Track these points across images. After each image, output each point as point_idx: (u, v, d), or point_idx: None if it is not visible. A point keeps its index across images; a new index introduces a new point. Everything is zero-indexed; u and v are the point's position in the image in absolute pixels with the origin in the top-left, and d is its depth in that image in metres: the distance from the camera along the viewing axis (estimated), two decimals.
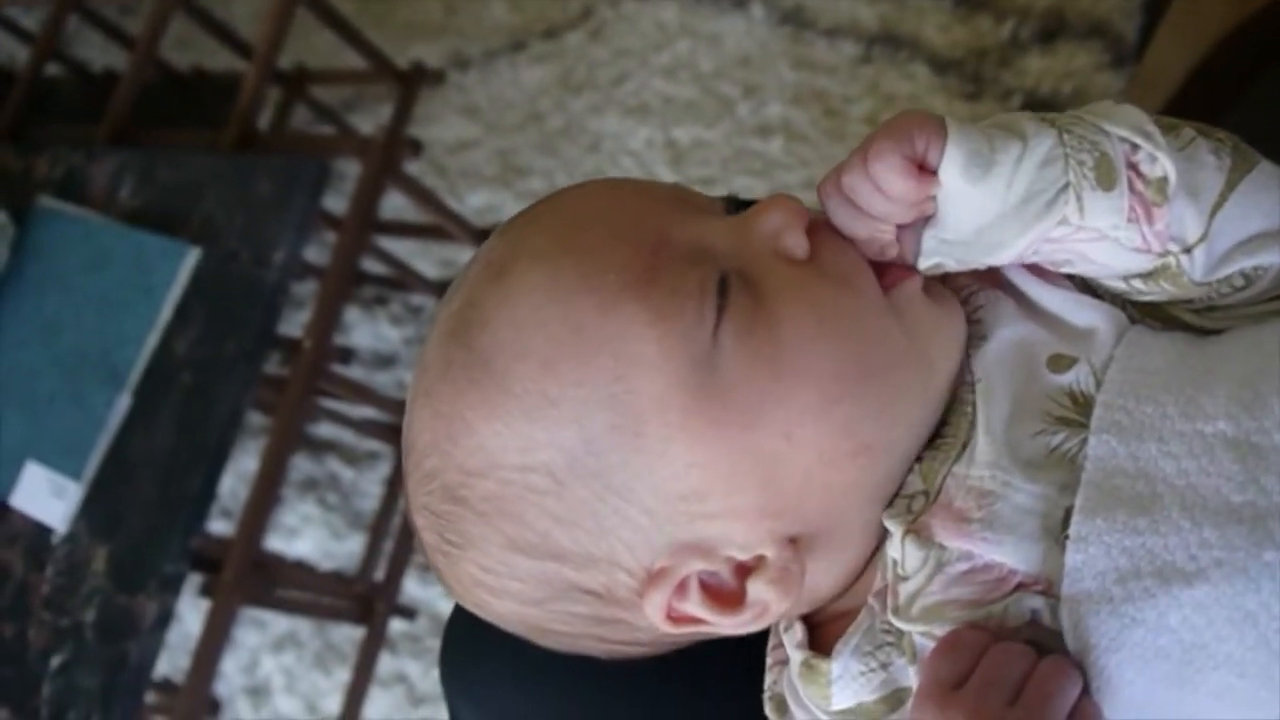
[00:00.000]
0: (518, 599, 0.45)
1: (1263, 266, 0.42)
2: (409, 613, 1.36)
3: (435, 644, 1.41)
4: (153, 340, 1.10)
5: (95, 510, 1.07)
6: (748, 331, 0.41)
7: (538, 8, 1.64)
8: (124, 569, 1.04)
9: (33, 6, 1.60)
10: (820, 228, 0.44)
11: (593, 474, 0.42)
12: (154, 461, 1.07)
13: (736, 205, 0.47)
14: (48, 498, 1.10)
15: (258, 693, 1.48)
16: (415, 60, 1.53)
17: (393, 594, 1.35)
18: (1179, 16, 0.81)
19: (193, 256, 1.11)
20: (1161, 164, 0.41)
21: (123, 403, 1.09)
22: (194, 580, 1.41)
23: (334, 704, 1.39)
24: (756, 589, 0.43)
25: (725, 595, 0.43)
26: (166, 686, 1.31)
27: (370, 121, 1.64)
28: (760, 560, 0.43)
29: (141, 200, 1.20)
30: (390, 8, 1.74)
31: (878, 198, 0.42)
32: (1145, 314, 0.45)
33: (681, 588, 0.43)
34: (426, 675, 1.38)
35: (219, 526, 1.54)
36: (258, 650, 1.50)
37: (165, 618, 1.02)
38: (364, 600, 1.31)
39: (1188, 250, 0.42)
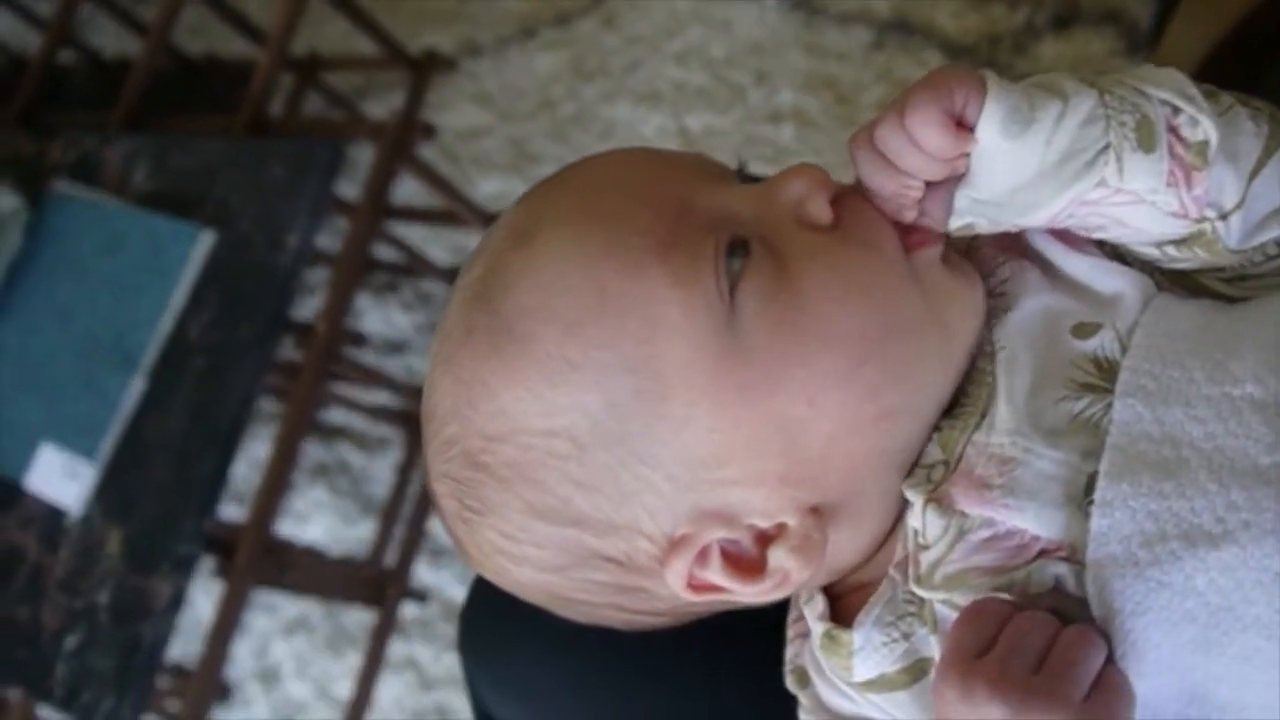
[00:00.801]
0: (538, 566, 0.45)
1: None
2: (421, 596, 1.37)
3: (446, 629, 1.42)
4: (166, 323, 1.11)
5: (109, 492, 1.08)
6: (770, 296, 0.41)
7: None
8: (137, 550, 1.05)
9: None
10: (843, 196, 0.44)
11: (615, 439, 0.42)
12: (167, 444, 1.07)
13: (746, 178, 0.47)
14: (62, 479, 1.11)
15: (268, 677, 1.49)
16: (427, 47, 1.53)
17: (404, 578, 1.35)
18: (1193, 3, 0.80)
19: (206, 240, 1.12)
20: (1203, 128, 0.40)
21: (137, 385, 1.09)
22: (206, 565, 1.42)
23: (345, 688, 1.40)
24: (777, 557, 0.43)
25: (746, 563, 0.43)
26: (178, 671, 1.31)
27: (383, 108, 1.64)
28: (781, 528, 0.43)
29: (155, 184, 1.20)
30: None
31: (912, 152, 0.41)
32: (1173, 282, 0.45)
33: (703, 555, 0.43)
34: (438, 660, 1.38)
35: (231, 512, 1.55)
36: (268, 635, 1.51)
37: (178, 599, 1.03)
38: (375, 584, 1.31)
39: (1224, 216, 0.41)
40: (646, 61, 1.53)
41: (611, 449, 0.42)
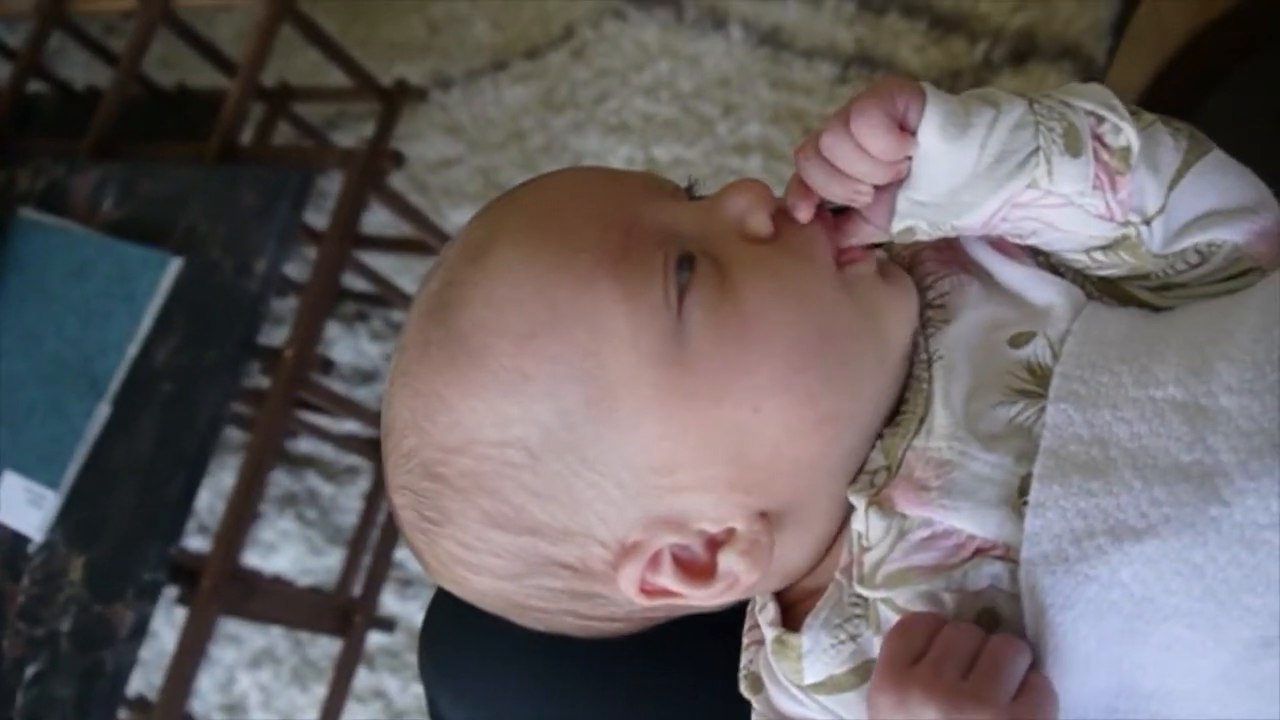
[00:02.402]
0: (495, 574, 0.46)
1: (1215, 243, 0.44)
2: (388, 625, 1.36)
3: (414, 659, 1.41)
4: (133, 350, 1.10)
5: (73, 519, 1.07)
6: (714, 306, 0.43)
7: (520, 28, 1.66)
8: (101, 578, 1.04)
9: (15, 23, 1.61)
10: (782, 211, 0.46)
11: (567, 448, 0.43)
12: (133, 470, 1.07)
13: (695, 198, 0.48)
14: (25, 507, 1.10)
15: (234, 710, 1.47)
16: (398, 78, 1.55)
17: (371, 607, 1.34)
18: (1137, 34, 0.83)
19: (174, 266, 1.12)
20: (1125, 134, 0.43)
21: (102, 412, 1.09)
22: (171, 597, 1.41)
23: None
24: (727, 561, 0.44)
25: (697, 568, 0.45)
26: (141, 704, 1.29)
27: (353, 139, 1.65)
28: (730, 533, 0.44)
29: (124, 212, 1.20)
30: (373, 28, 1.76)
31: (859, 156, 0.43)
32: (1103, 291, 0.47)
33: (654, 561, 0.44)
34: (405, 690, 1.37)
35: (198, 544, 1.53)
36: (234, 667, 1.49)
37: (142, 626, 1.02)
38: (342, 612, 1.30)
39: (1147, 221, 0.43)
40: (616, 93, 1.55)
41: (564, 458, 0.43)
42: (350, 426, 1.50)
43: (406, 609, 1.40)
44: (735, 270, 0.44)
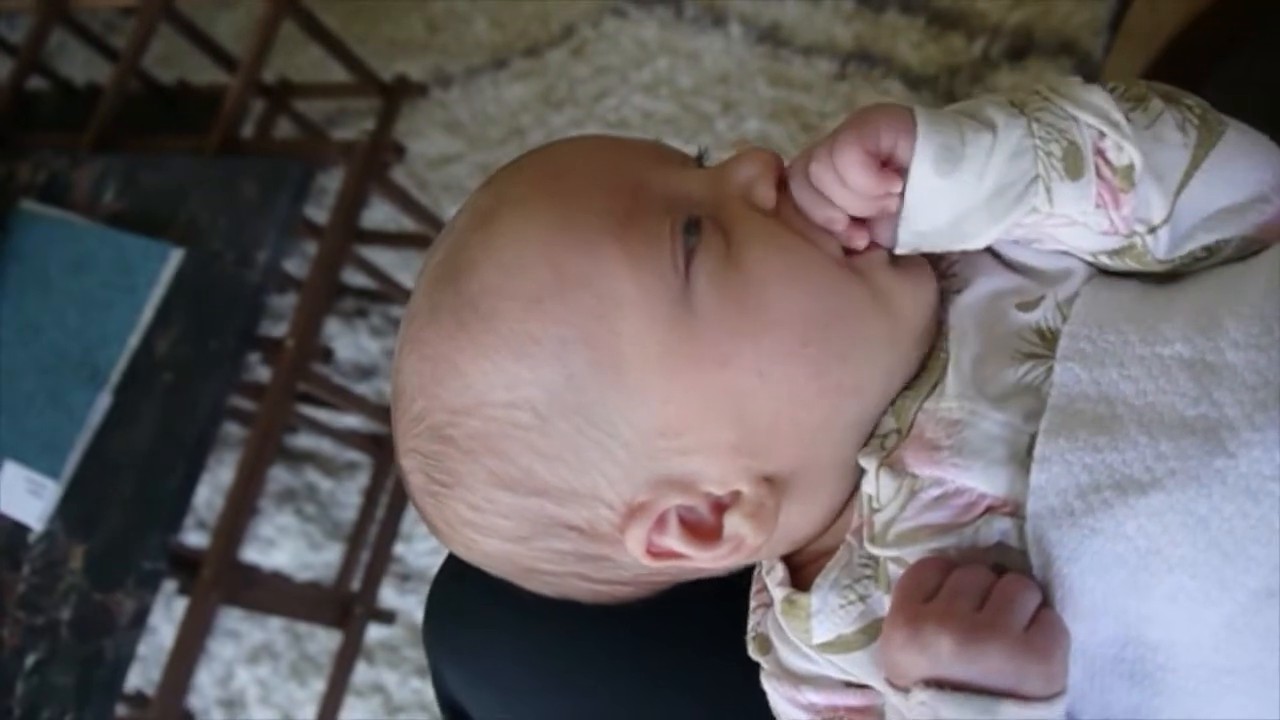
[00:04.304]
0: (503, 536, 0.46)
1: (1224, 239, 0.43)
2: (387, 617, 1.36)
3: (413, 653, 1.41)
4: (134, 340, 1.11)
5: (73, 509, 1.07)
6: (720, 271, 0.43)
7: (520, 26, 1.67)
8: (101, 566, 1.04)
9: (16, 19, 1.61)
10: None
11: (574, 409, 0.43)
12: (133, 460, 1.07)
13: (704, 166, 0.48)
14: (25, 497, 1.10)
15: (233, 705, 1.47)
16: (399, 75, 1.55)
17: (370, 600, 1.34)
18: (1132, 28, 0.84)
19: (175, 257, 1.12)
20: (1128, 152, 0.42)
21: (103, 402, 1.09)
22: (169, 591, 1.41)
23: (310, 715, 1.38)
24: (733, 523, 0.44)
25: (703, 530, 0.45)
26: (139, 700, 1.29)
27: (353, 135, 1.66)
28: (736, 496, 0.44)
29: (125, 204, 1.21)
30: (373, 26, 1.76)
31: (838, 188, 0.43)
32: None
33: (661, 522, 0.44)
34: (404, 685, 1.37)
35: (197, 540, 1.53)
36: (232, 662, 1.49)
37: (143, 615, 1.02)
38: (341, 605, 1.30)
39: (1153, 230, 0.43)
40: (615, 91, 1.56)
41: (571, 419, 0.43)
42: (350, 421, 1.51)
43: (405, 603, 1.40)
44: (740, 239, 0.44)
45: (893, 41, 1.43)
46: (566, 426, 0.43)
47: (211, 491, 1.57)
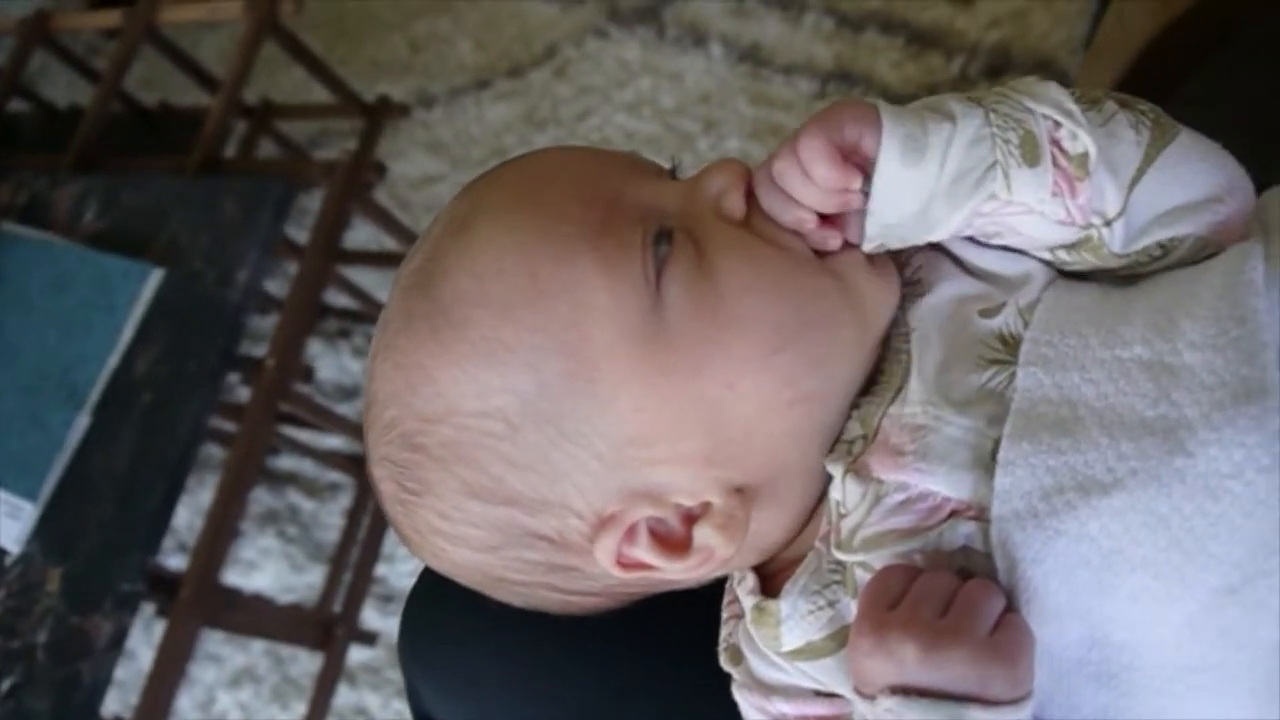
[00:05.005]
0: (473, 546, 0.46)
1: (1178, 237, 0.44)
2: (369, 638, 1.35)
3: (395, 675, 1.40)
4: (113, 360, 1.10)
5: (50, 531, 1.06)
6: (691, 282, 0.43)
7: (502, 47, 1.68)
8: (78, 589, 1.03)
9: None
10: None
11: (546, 419, 0.43)
12: (112, 480, 1.06)
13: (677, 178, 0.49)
14: (2, 519, 1.09)
15: None
16: (381, 96, 1.56)
17: (352, 621, 1.33)
18: (1102, 44, 0.85)
19: (156, 277, 1.12)
20: (1082, 140, 0.42)
21: (81, 422, 1.08)
22: (148, 614, 1.40)
23: None
24: (703, 534, 0.44)
25: (673, 541, 0.45)
26: None
27: (335, 155, 1.66)
28: (706, 507, 0.44)
29: (105, 224, 1.20)
30: (356, 47, 1.77)
31: (804, 184, 0.43)
32: (1070, 278, 0.47)
33: (631, 533, 0.44)
34: (386, 706, 1.36)
35: (177, 562, 1.52)
36: (214, 686, 1.47)
37: (120, 638, 1.01)
38: (323, 626, 1.29)
39: (1108, 223, 0.43)
40: (598, 110, 1.57)
41: (543, 428, 0.43)
42: (332, 442, 1.50)
43: (388, 624, 1.39)
44: (712, 249, 0.44)
45: (872, 61, 1.44)
46: (538, 436, 0.43)
47: (192, 514, 1.56)
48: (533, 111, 1.61)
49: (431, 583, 0.57)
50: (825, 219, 0.45)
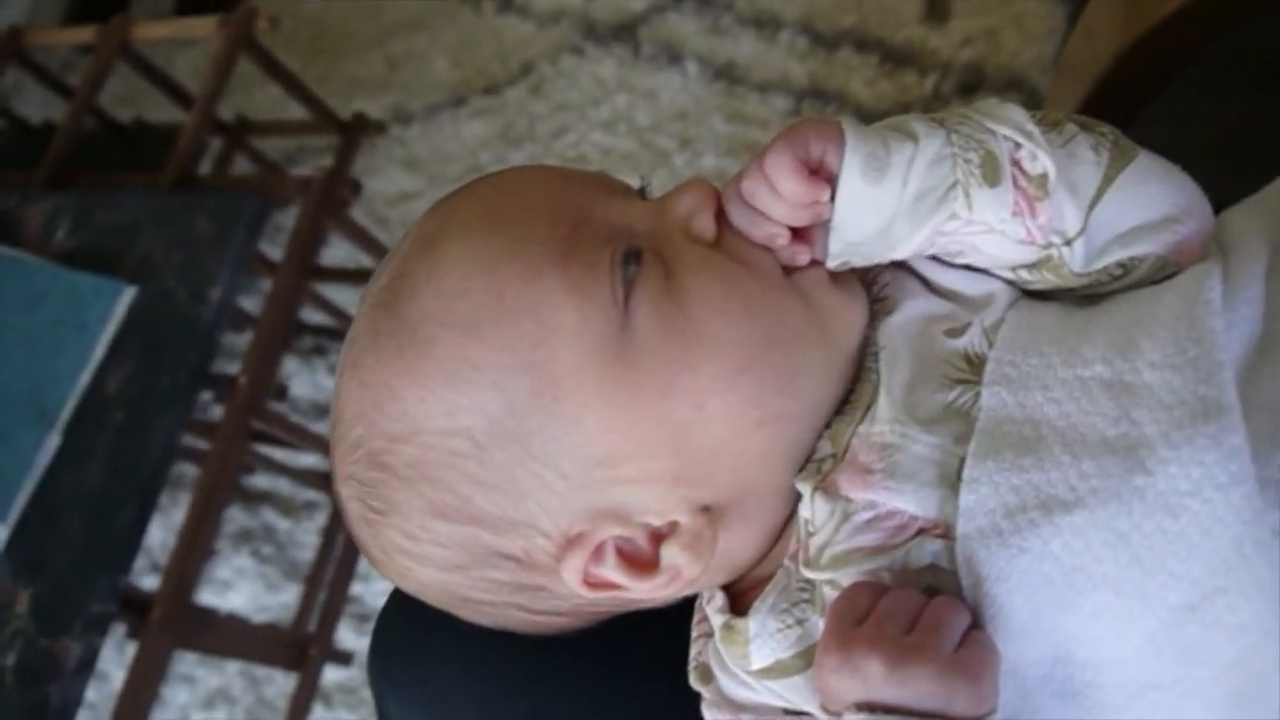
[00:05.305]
0: (439, 565, 0.45)
1: (1138, 256, 0.44)
2: (344, 658, 1.34)
3: (370, 695, 1.39)
4: (85, 378, 1.09)
5: (19, 552, 1.05)
6: (659, 303, 0.43)
7: (479, 65, 1.68)
8: (48, 611, 1.02)
9: None
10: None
11: (512, 438, 0.43)
12: (83, 500, 1.05)
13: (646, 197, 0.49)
14: None
15: None
16: (358, 113, 1.56)
17: (327, 641, 1.32)
18: (1070, 62, 0.86)
19: (128, 295, 1.11)
20: (1042, 161, 0.43)
21: (51, 442, 1.07)
22: (120, 635, 1.38)
23: None
24: (670, 554, 0.44)
25: (640, 560, 0.45)
26: None
27: (311, 172, 1.66)
28: (674, 526, 0.44)
29: (77, 241, 1.20)
30: (334, 64, 1.77)
31: (773, 199, 0.44)
32: (1033, 297, 0.47)
33: (598, 552, 0.44)
34: None
35: (150, 583, 1.51)
36: (187, 708, 1.46)
37: (90, 660, 1.00)
38: (298, 646, 1.28)
39: (1068, 243, 0.44)
40: (574, 127, 1.57)
41: (509, 448, 0.43)
42: (308, 460, 1.49)
43: (363, 644, 1.37)
44: (680, 269, 0.44)
45: (846, 79, 1.46)
46: (504, 455, 0.43)
47: (165, 534, 1.55)
48: (509, 128, 1.61)
49: (402, 602, 0.57)
50: (795, 235, 0.45)
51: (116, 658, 1.45)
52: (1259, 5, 0.69)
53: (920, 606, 0.38)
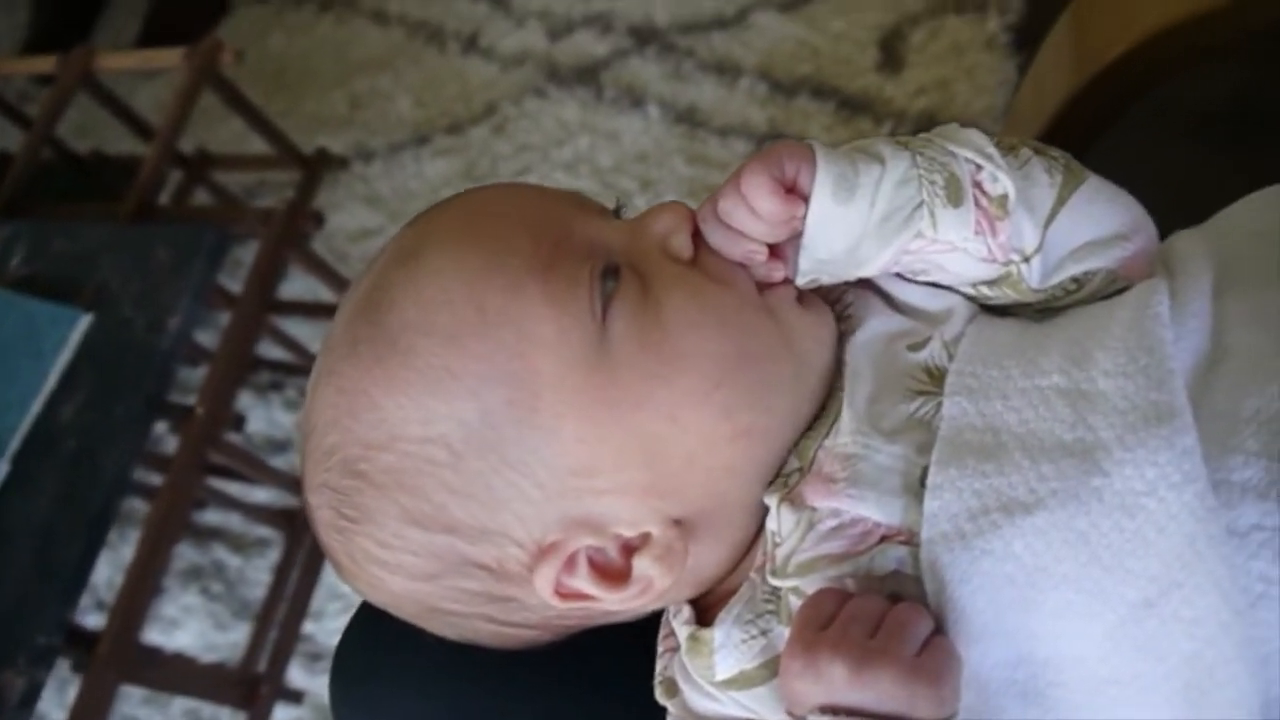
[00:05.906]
0: (411, 575, 0.46)
1: (1090, 271, 0.46)
2: (295, 696, 1.31)
3: None
4: (36, 406, 1.07)
5: None
6: (636, 317, 0.44)
7: (442, 105, 1.70)
8: None
9: None
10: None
11: (489, 447, 0.44)
12: (30, 530, 1.03)
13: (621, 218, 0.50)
14: None
15: None
16: (320, 148, 1.56)
17: (277, 680, 1.30)
18: (1019, 108, 0.90)
19: (83, 323, 1.10)
20: (1002, 182, 0.45)
21: (0, 470, 1.05)
22: (63, 674, 1.34)
23: None
24: (641, 565, 0.45)
25: (612, 571, 0.45)
26: None
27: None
28: (646, 538, 0.45)
29: (33, 269, 1.18)
30: (297, 101, 1.77)
31: (750, 218, 0.45)
32: (992, 313, 0.49)
33: (570, 563, 0.45)
34: None
35: (94, 621, 1.47)
36: None
37: (34, 694, 0.97)
38: (247, 684, 1.26)
39: (1026, 259, 0.46)
40: (536, 168, 1.59)
41: (485, 456, 0.44)
42: (261, 496, 1.47)
43: (314, 683, 1.36)
44: (657, 287, 0.45)
45: (805, 124, 1.49)
46: (480, 464, 0.44)
47: (113, 570, 1.52)
48: (472, 167, 1.62)
49: (363, 625, 0.57)
50: (770, 252, 0.46)
51: (57, 698, 1.41)
52: (1193, 56, 0.73)
53: (884, 612, 0.39)
